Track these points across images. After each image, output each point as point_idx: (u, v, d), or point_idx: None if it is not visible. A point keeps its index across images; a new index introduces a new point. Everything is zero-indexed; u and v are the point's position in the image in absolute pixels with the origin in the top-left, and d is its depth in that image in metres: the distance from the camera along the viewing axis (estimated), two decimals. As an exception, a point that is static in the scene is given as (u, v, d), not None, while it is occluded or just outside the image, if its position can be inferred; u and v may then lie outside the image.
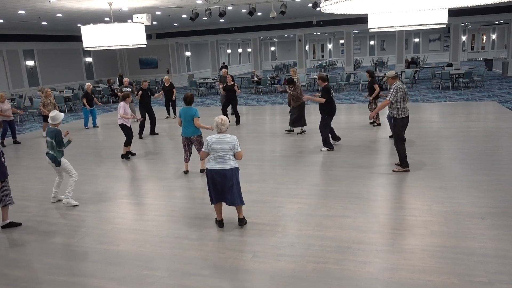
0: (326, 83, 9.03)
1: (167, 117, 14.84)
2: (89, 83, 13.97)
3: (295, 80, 10.99)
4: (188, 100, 7.53)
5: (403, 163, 7.28)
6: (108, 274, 4.46)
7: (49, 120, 6.30)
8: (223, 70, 14.81)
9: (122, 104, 9.11)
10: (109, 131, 13.21)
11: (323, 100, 8.73)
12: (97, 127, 13.86)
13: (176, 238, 5.22)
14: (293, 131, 11.16)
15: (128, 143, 9.28)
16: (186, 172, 7.93)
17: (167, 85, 14.37)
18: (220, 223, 5.45)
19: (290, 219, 5.60)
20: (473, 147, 8.69)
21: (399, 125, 7.15)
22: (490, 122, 11.70)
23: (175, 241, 5.14)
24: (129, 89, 13.56)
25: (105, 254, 4.92)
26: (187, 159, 7.92)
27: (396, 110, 7.05)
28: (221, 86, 13.64)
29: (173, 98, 14.49)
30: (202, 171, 7.83)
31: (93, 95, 13.58)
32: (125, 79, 14.68)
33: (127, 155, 9.33)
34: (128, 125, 9.18)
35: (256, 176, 7.66)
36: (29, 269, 4.67)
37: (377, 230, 5.15)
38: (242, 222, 5.42)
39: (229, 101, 12.83)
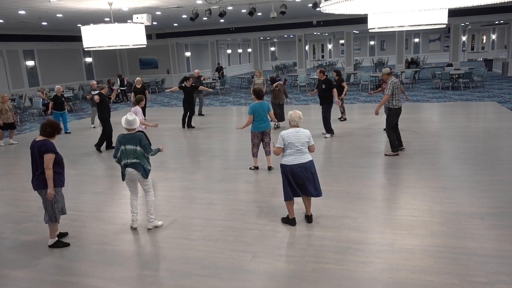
0: (327, 76, 10.38)
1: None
2: (59, 86, 13.04)
3: (261, 81, 12.84)
4: (262, 94, 7.81)
5: (393, 148, 8.37)
6: (108, 274, 4.46)
7: (125, 125, 5.34)
8: (196, 71, 14.76)
9: (138, 109, 8.25)
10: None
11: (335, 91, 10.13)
12: (69, 132, 12.93)
13: (176, 238, 5.22)
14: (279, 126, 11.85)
15: None
16: (257, 168, 7.89)
17: (138, 86, 13.74)
18: (292, 221, 5.34)
19: (290, 219, 5.59)
20: (473, 147, 8.69)
21: (392, 115, 8.25)
22: (490, 122, 11.70)
23: (175, 241, 5.14)
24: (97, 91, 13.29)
25: (105, 254, 4.92)
26: (257, 154, 7.88)
27: (391, 102, 8.18)
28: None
29: (148, 99, 13.87)
30: (270, 168, 7.81)
31: (63, 99, 12.77)
32: (93, 82, 14.34)
33: None
34: (143, 132, 8.34)
35: (257, 176, 7.66)
36: (29, 269, 4.67)
37: (377, 230, 5.15)
38: (310, 219, 5.40)
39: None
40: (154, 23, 21.03)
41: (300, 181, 5.15)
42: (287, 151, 5.16)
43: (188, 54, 29.41)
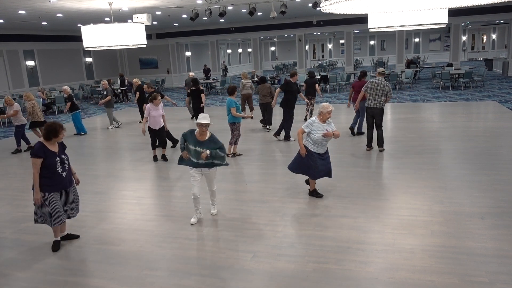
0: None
1: (140, 122, 13.88)
2: (66, 86, 12.77)
3: (250, 82, 13.39)
4: (229, 91, 8.63)
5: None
6: (108, 274, 4.46)
7: (201, 119, 5.25)
8: (190, 74, 14.65)
9: (153, 106, 8.57)
10: (111, 131, 13.20)
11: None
12: (82, 134, 12.60)
13: (176, 238, 5.22)
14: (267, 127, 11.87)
15: (165, 145, 9.12)
16: (234, 155, 8.91)
17: (134, 89, 13.42)
18: (314, 192, 6.35)
19: (290, 219, 5.60)
20: (473, 147, 8.69)
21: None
22: (490, 122, 11.70)
23: (175, 241, 5.14)
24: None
25: (105, 254, 4.92)
26: (231, 143, 8.83)
27: (382, 102, 8.51)
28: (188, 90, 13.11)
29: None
30: (234, 155, 8.87)
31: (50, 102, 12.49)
32: (104, 82, 14.20)
33: (165, 157, 9.01)
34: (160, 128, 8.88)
35: (256, 176, 7.66)
36: (29, 269, 4.67)
37: (377, 230, 5.15)
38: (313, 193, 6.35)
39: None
40: (154, 23, 21.02)
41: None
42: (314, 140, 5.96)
43: (188, 54, 29.40)
